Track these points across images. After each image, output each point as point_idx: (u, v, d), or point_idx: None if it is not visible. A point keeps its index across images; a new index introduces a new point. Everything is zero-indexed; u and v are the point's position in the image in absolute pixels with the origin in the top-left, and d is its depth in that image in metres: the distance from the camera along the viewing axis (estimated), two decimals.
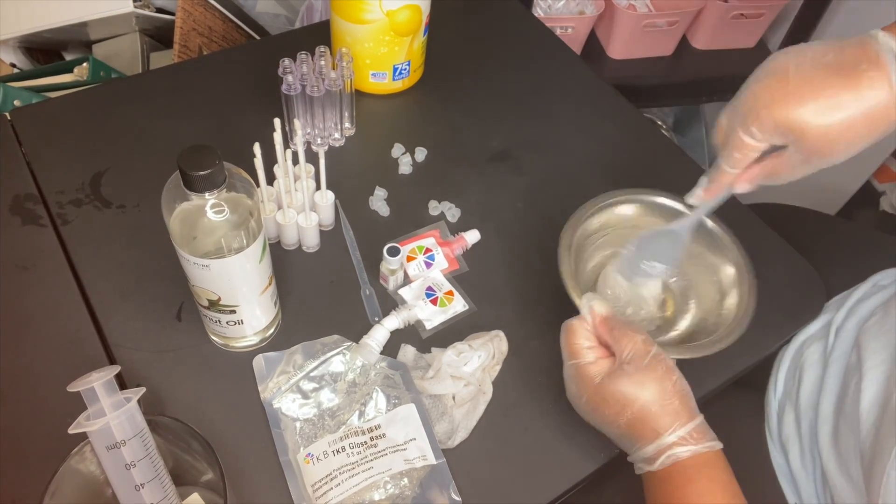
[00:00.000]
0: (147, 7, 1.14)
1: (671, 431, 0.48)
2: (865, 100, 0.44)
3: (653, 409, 0.48)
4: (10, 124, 0.76)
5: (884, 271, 0.69)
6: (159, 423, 0.47)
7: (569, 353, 0.53)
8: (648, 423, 0.48)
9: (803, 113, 0.45)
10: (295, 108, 0.72)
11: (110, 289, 0.64)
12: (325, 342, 0.61)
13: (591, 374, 0.51)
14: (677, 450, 0.47)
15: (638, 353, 0.49)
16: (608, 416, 0.50)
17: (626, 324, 0.52)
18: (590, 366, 0.51)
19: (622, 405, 0.49)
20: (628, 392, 0.49)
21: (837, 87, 0.45)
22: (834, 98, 0.45)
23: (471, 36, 0.95)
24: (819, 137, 0.46)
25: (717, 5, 1.29)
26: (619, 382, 0.49)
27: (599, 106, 0.88)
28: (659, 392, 0.48)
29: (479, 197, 0.75)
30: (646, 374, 0.49)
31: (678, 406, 0.49)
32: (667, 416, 0.48)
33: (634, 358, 0.49)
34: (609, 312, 0.53)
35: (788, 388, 0.67)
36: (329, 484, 0.53)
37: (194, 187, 0.46)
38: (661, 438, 0.48)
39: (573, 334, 0.53)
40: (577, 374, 0.52)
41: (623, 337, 0.51)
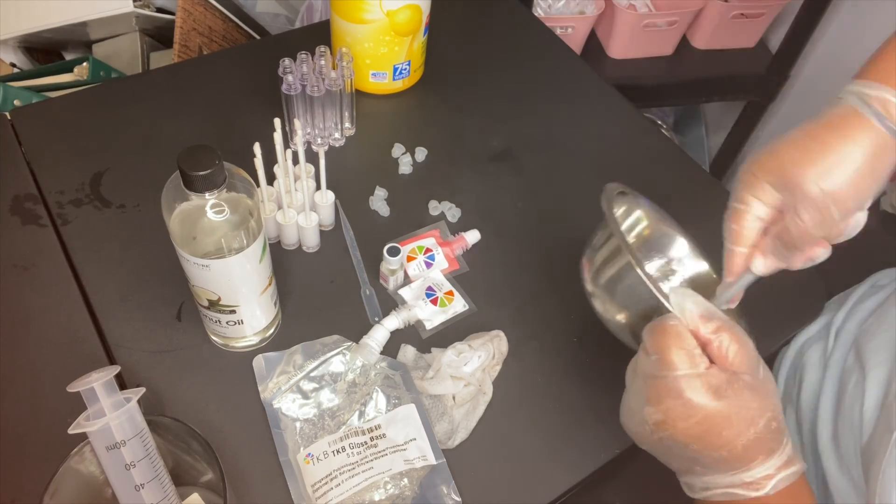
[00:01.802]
0: (147, 7, 1.14)
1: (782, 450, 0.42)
2: (858, 145, 0.42)
3: (773, 426, 0.42)
4: (10, 124, 0.76)
5: (882, 271, 0.69)
6: (159, 423, 0.47)
7: (668, 363, 0.42)
8: (767, 443, 0.42)
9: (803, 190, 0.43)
10: (295, 108, 0.72)
11: (110, 289, 0.64)
12: (325, 342, 0.61)
13: (706, 388, 0.41)
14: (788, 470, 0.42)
15: (752, 361, 0.42)
16: (724, 438, 0.41)
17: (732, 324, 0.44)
18: (703, 377, 0.41)
19: (747, 424, 0.41)
20: (753, 407, 0.41)
21: (825, 138, 0.43)
22: (827, 149, 0.43)
23: (471, 36, 0.95)
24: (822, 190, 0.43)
25: (717, 5, 1.29)
26: (744, 396, 0.41)
27: (599, 106, 0.88)
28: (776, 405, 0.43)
29: (479, 197, 0.75)
30: (767, 385, 0.43)
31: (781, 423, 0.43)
32: (781, 433, 0.42)
33: (750, 367, 0.42)
34: (708, 310, 0.44)
35: (789, 390, 0.67)
36: (329, 484, 0.53)
37: (194, 187, 0.46)
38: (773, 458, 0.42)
39: (676, 338, 0.42)
40: (686, 387, 0.41)
41: (734, 342, 0.42)
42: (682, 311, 0.44)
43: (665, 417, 0.42)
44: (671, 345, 0.42)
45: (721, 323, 0.43)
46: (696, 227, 0.67)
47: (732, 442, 0.41)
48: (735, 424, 0.41)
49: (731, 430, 0.41)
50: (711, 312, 0.44)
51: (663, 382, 0.42)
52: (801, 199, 0.43)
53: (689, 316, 0.44)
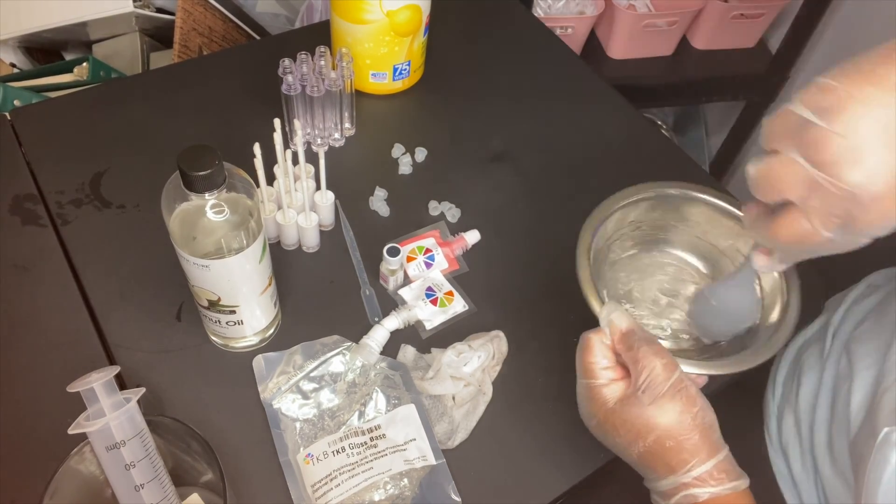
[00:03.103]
0: (147, 7, 1.14)
1: (686, 470, 0.43)
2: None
3: (667, 444, 0.44)
4: (10, 124, 0.76)
5: (878, 272, 0.69)
6: (159, 423, 0.47)
7: (582, 371, 0.49)
8: (662, 458, 0.44)
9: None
10: (295, 108, 0.72)
11: (110, 289, 0.64)
12: (324, 342, 0.61)
13: (603, 398, 0.46)
14: (694, 490, 0.43)
15: (655, 379, 0.44)
16: (619, 444, 0.46)
17: (648, 341, 0.46)
18: (602, 388, 0.47)
19: (634, 435, 0.45)
20: (640, 423, 0.44)
21: None
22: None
23: (471, 36, 0.95)
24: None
25: (717, 5, 1.29)
26: (632, 412, 0.45)
27: (599, 106, 0.88)
28: (676, 425, 0.44)
29: (479, 197, 0.75)
30: (662, 405, 0.44)
31: (698, 441, 0.44)
32: (683, 452, 0.44)
33: (651, 385, 0.44)
34: (630, 327, 0.48)
35: (787, 391, 0.67)
36: (329, 484, 0.53)
37: (194, 187, 0.46)
38: (675, 476, 0.44)
39: (588, 351, 0.48)
40: (588, 394, 0.48)
41: (641, 359, 0.45)
42: (607, 325, 0.49)
43: (584, 416, 0.50)
44: (584, 356, 0.48)
45: (634, 341, 0.46)
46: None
47: (627, 450, 0.46)
48: (623, 434, 0.45)
49: (620, 438, 0.46)
50: (632, 329, 0.48)
51: (580, 388, 0.49)
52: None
53: (612, 330, 0.48)
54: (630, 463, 0.47)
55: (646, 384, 0.45)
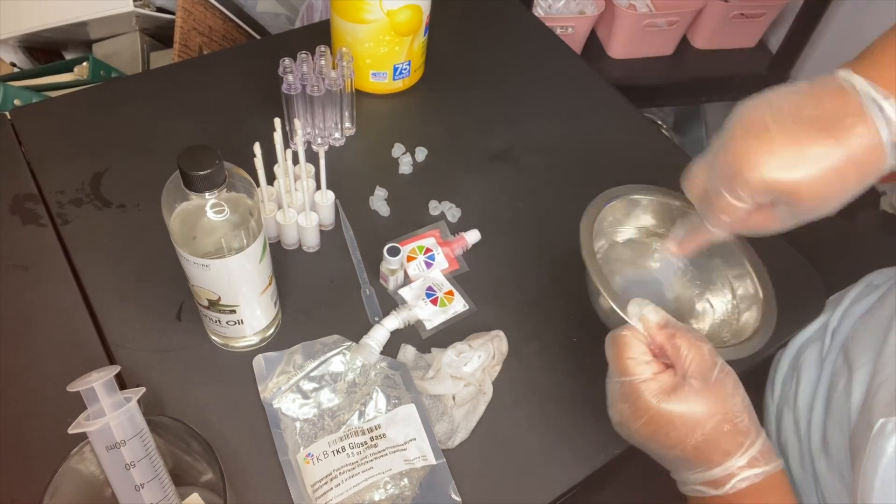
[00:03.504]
0: (147, 6, 1.14)
1: (743, 452, 0.43)
2: (856, 155, 0.42)
3: (725, 429, 0.43)
4: (10, 124, 0.76)
5: (877, 271, 0.69)
6: (159, 423, 0.47)
7: (620, 369, 0.46)
8: (720, 445, 0.44)
9: (794, 174, 0.43)
10: (295, 107, 0.72)
11: (110, 289, 0.64)
12: (325, 342, 0.61)
13: (651, 393, 0.45)
14: (751, 471, 0.43)
15: (705, 365, 0.44)
16: (673, 439, 0.44)
17: (686, 330, 0.46)
18: (649, 383, 0.45)
19: (691, 426, 0.44)
20: (698, 411, 0.43)
21: (827, 146, 0.43)
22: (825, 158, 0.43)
23: (471, 36, 0.95)
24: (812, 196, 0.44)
25: (717, 5, 1.29)
26: (689, 400, 0.44)
27: (599, 106, 0.88)
28: (732, 408, 0.44)
29: (479, 197, 0.75)
30: (716, 389, 0.44)
31: (748, 422, 0.44)
32: (739, 434, 0.44)
33: (702, 371, 0.44)
34: (664, 318, 0.47)
35: (786, 391, 0.67)
36: (329, 484, 0.53)
37: (194, 187, 0.46)
38: (732, 460, 0.43)
39: (626, 347, 0.46)
40: (632, 392, 0.45)
41: (687, 347, 0.45)
42: (640, 320, 0.48)
43: (621, 418, 0.47)
44: (622, 354, 0.46)
45: (675, 330, 0.46)
46: None
47: (682, 443, 0.44)
48: (679, 427, 0.44)
49: (676, 431, 0.44)
50: (667, 320, 0.47)
51: (617, 387, 0.47)
52: (794, 204, 0.45)
53: (646, 324, 0.47)
54: (677, 460, 0.46)
55: (695, 370, 0.44)
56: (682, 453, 0.45)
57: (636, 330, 0.48)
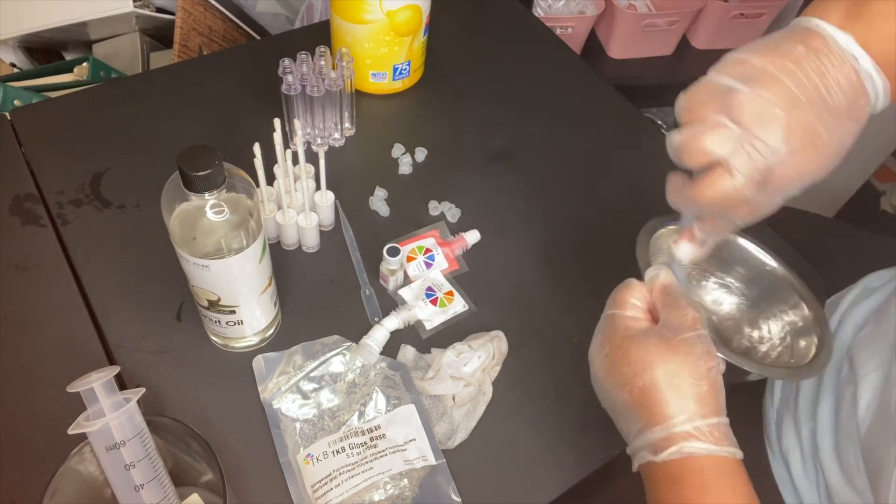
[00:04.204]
0: (147, 7, 1.14)
1: (688, 419, 0.41)
2: (861, 121, 0.43)
3: (675, 382, 0.42)
4: (10, 124, 0.76)
5: (874, 273, 0.68)
6: (159, 423, 0.47)
7: (612, 302, 0.48)
8: (664, 397, 0.42)
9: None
10: (295, 108, 0.72)
11: (110, 289, 0.64)
12: (324, 342, 0.61)
13: (624, 326, 0.46)
14: (693, 443, 0.41)
15: (684, 323, 0.44)
16: (625, 375, 0.44)
17: (687, 299, 0.47)
18: (627, 319, 0.47)
19: (643, 365, 0.43)
20: (655, 353, 0.43)
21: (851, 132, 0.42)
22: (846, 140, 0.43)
23: (471, 36, 0.95)
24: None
25: (717, 5, 1.29)
26: (650, 342, 0.44)
27: (599, 106, 0.88)
28: (690, 366, 0.42)
29: (479, 197, 0.75)
30: (682, 345, 0.43)
31: (706, 392, 0.42)
32: (689, 398, 0.42)
33: (678, 326, 0.44)
34: (671, 283, 0.48)
35: (786, 396, 0.67)
36: (329, 484, 0.53)
37: (194, 188, 0.46)
38: (673, 422, 0.42)
39: (627, 288, 0.48)
40: (610, 324, 0.47)
41: (675, 307, 0.46)
42: (649, 277, 0.49)
43: (592, 350, 0.49)
44: (619, 292, 0.49)
45: (671, 292, 0.47)
46: None
47: (630, 383, 0.44)
48: (633, 363, 0.44)
49: (629, 367, 0.44)
50: (672, 285, 0.48)
51: (602, 319, 0.49)
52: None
53: (655, 282, 0.48)
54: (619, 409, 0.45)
55: (675, 323, 0.45)
56: (630, 395, 0.44)
57: (643, 282, 0.49)
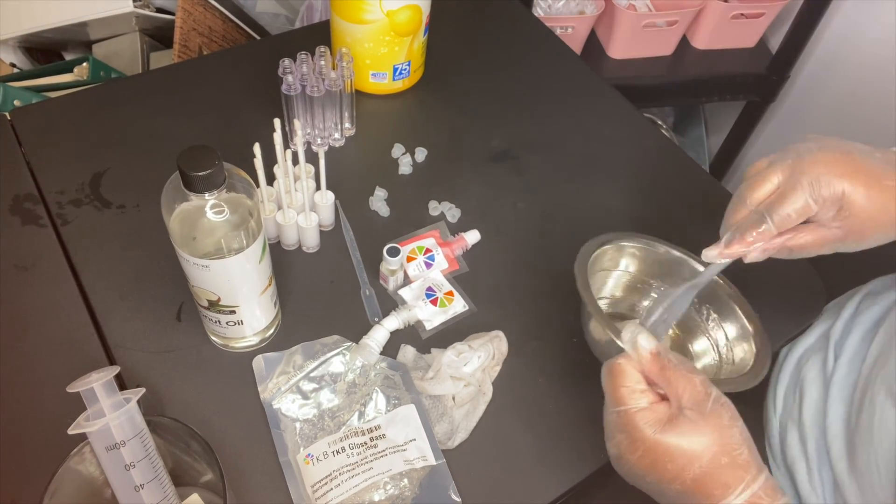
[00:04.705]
0: (147, 7, 1.14)
1: (744, 487, 0.42)
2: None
3: (723, 461, 0.42)
4: (10, 124, 0.76)
5: (878, 279, 0.68)
6: (159, 423, 0.47)
7: (615, 399, 0.45)
8: (720, 478, 0.42)
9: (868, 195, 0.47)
10: (295, 108, 0.72)
11: (110, 289, 0.64)
12: (324, 342, 0.61)
13: (646, 423, 0.43)
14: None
15: (698, 396, 0.43)
16: (670, 472, 0.43)
17: (679, 361, 0.45)
18: (644, 412, 0.44)
19: (689, 458, 0.42)
20: (695, 442, 0.42)
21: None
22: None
23: (471, 36, 0.95)
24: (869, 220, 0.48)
25: (717, 5, 1.29)
26: (685, 432, 0.42)
27: (599, 106, 0.88)
28: (729, 440, 0.42)
29: (479, 197, 0.75)
30: (712, 420, 0.43)
31: (748, 456, 0.43)
32: (738, 468, 0.42)
33: (696, 403, 0.43)
34: (658, 348, 0.46)
35: (789, 406, 0.66)
36: (329, 485, 0.53)
37: (194, 188, 0.46)
38: (732, 495, 0.42)
39: (621, 376, 0.45)
40: (628, 422, 0.44)
41: (679, 379, 0.44)
42: (633, 348, 0.46)
43: (619, 451, 0.45)
44: (617, 383, 0.45)
45: (667, 361, 0.45)
46: (695, 226, 0.67)
47: (681, 475, 0.42)
48: (677, 458, 0.42)
49: (673, 463, 0.42)
50: (660, 349, 0.46)
51: (613, 417, 0.45)
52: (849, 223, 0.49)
53: (640, 353, 0.46)
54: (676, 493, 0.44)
55: (689, 401, 0.43)
56: (682, 486, 0.43)
57: (630, 358, 0.46)
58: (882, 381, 0.56)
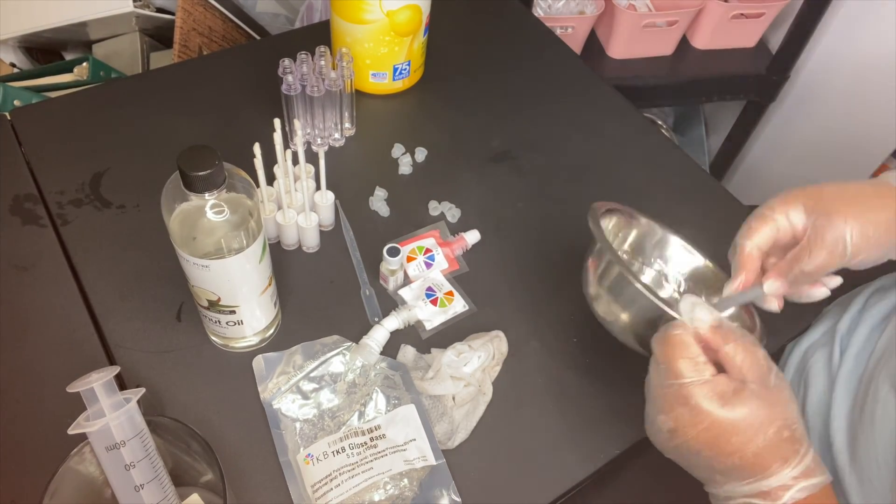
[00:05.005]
0: (147, 7, 1.14)
1: (799, 460, 0.42)
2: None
3: (785, 435, 0.42)
4: (10, 124, 0.76)
5: (887, 276, 0.68)
6: (159, 423, 0.47)
7: (674, 371, 0.44)
8: (780, 451, 0.42)
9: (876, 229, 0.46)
10: (295, 108, 0.72)
11: (110, 289, 0.64)
12: (324, 342, 0.61)
13: (711, 396, 0.42)
14: (806, 482, 0.42)
15: (762, 370, 0.43)
16: (734, 445, 0.42)
17: (741, 333, 0.44)
18: (708, 385, 0.43)
19: (754, 431, 0.42)
20: (761, 415, 0.42)
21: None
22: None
23: (471, 36, 0.95)
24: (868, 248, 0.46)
25: (717, 5, 1.29)
26: (751, 404, 0.42)
27: (599, 106, 0.88)
28: (791, 413, 0.43)
29: (479, 197, 0.75)
30: (776, 394, 0.42)
31: (803, 430, 0.43)
32: (796, 442, 0.42)
33: (760, 375, 0.43)
34: (718, 319, 0.45)
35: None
36: (329, 485, 0.53)
37: (194, 188, 0.46)
38: (788, 468, 0.42)
39: (681, 347, 0.44)
40: (691, 395, 0.43)
41: (742, 351, 0.43)
42: (692, 320, 0.45)
43: (676, 425, 0.44)
44: (677, 354, 0.44)
45: (730, 331, 0.44)
46: (695, 226, 0.67)
47: (742, 449, 0.42)
48: (743, 431, 0.42)
49: (739, 437, 0.42)
50: (721, 321, 0.45)
51: (671, 390, 0.44)
52: (822, 232, 0.46)
53: (700, 324, 0.45)
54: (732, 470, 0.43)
55: (753, 374, 0.43)
56: (741, 460, 0.42)
57: (687, 328, 0.45)
58: (887, 374, 0.56)
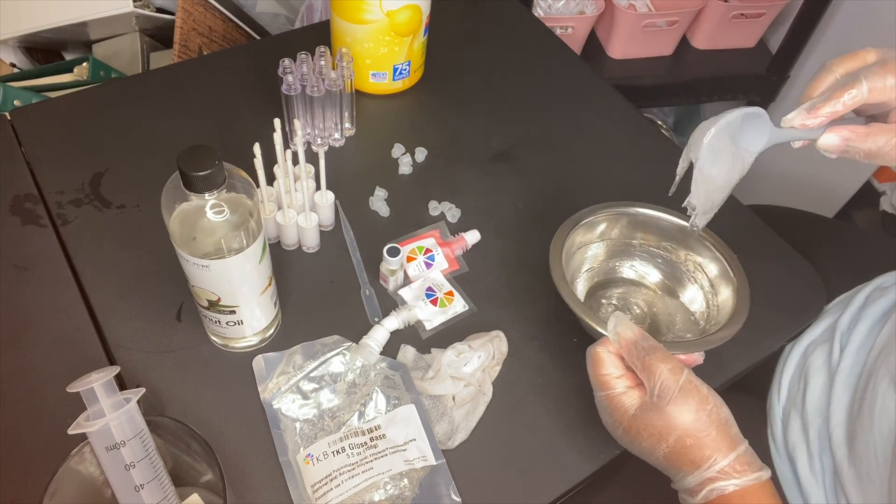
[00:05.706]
0: (147, 7, 1.14)
1: (709, 465, 0.46)
2: None
3: (687, 442, 0.47)
4: (10, 124, 0.76)
5: (888, 273, 0.68)
6: (159, 423, 0.47)
7: (598, 384, 0.51)
8: (686, 456, 0.47)
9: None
10: (295, 108, 0.72)
11: (110, 289, 0.64)
12: (324, 342, 0.61)
13: (623, 406, 0.49)
14: (719, 483, 0.46)
15: (666, 383, 0.47)
16: (645, 448, 0.49)
17: (653, 349, 0.49)
18: (621, 396, 0.50)
19: (657, 439, 0.47)
20: (660, 426, 0.47)
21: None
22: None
23: (471, 36, 0.95)
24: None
25: (717, 5, 1.29)
26: (651, 416, 0.48)
27: (599, 106, 0.88)
28: (693, 423, 0.47)
29: (479, 197, 0.75)
30: (676, 406, 0.47)
31: (716, 436, 0.47)
32: (705, 448, 0.46)
33: (663, 390, 0.47)
34: (635, 336, 0.50)
35: (793, 394, 0.66)
36: (329, 485, 0.53)
37: (194, 188, 0.46)
38: (700, 471, 0.46)
39: (599, 364, 0.51)
40: (609, 405, 0.50)
41: (650, 366, 0.48)
42: (615, 336, 0.51)
43: (610, 428, 0.52)
44: (597, 369, 0.51)
45: (644, 350, 0.49)
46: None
47: (653, 453, 0.48)
48: (646, 439, 0.48)
49: (644, 443, 0.48)
50: (638, 338, 0.50)
51: (597, 399, 0.52)
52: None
53: (621, 341, 0.51)
54: (657, 466, 0.50)
55: (658, 389, 0.48)
56: (657, 462, 0.49)
57: (608, 345, 0.51)
58: (886, 370, 0.56)
